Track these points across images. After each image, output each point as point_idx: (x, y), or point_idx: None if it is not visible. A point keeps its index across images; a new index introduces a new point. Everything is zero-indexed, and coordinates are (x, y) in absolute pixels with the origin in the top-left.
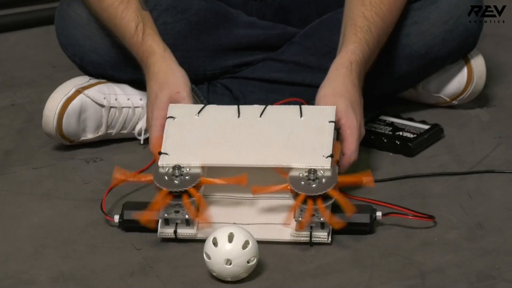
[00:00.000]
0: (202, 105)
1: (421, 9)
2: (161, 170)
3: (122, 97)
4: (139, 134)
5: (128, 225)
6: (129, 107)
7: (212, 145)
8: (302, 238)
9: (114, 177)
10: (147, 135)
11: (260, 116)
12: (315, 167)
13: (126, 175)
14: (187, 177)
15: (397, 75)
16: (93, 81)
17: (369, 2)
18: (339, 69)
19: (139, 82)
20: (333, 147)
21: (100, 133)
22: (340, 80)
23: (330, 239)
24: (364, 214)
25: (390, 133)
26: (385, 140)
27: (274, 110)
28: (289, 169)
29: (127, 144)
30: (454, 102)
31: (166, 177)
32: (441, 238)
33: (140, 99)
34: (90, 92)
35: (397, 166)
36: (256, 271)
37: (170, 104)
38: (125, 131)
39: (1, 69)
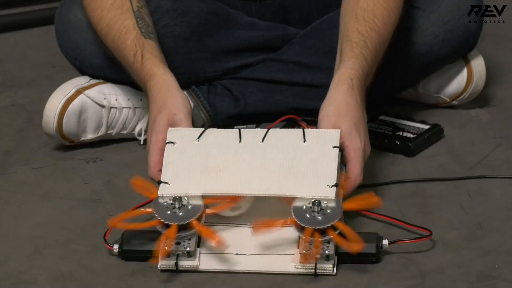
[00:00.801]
0: (202, 129)
1: (422, 9)
2: (160, 200)
3: (123, 97)
4: (139, 134)
5: (129, 255)
6: (129, 108)
7: (213, 172)
8: (306, 270)
9: (117, 224)
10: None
11: (262, 141)
12: (319, 198)
13: (124, 224)
14: (189, 207)
15: (397, 75)
16: (94, 81)
17: (363, 17)
18: (340, 86)
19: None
20: (337, 175)
21: (100, 133)
22: (342, 98)
23: (335, 271)
24: (370, 244)
25: (390, 133)
26: (385, 140)
27: (276, 134)
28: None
29: (127, 144)
30: (454, 102)
31: (168, 211)
32: (441, 238)
33: (141, 100)
34: (90, 92)
35: (397, 166)
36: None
37: (170, 128)
38: (125, 132)
39: (1, 69)
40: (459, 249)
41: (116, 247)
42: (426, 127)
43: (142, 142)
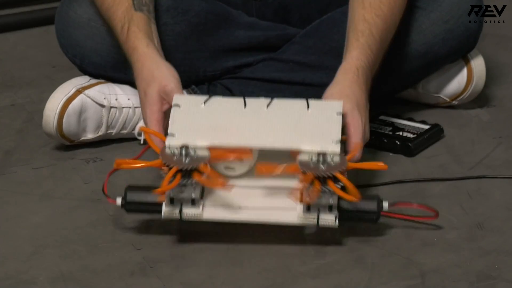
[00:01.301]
0: (208, 96)
1: (422, 8)
2: (167, 150)
3: (123, 97)
4: (139, 134)
5: (132, 207)
6: (130, 107)
7: (220, 129)
8: (309, 221)
9: (118, 164)
10: None
11: (267, 107)
12: (325, 151)
13: (131, 162)
14: (195, 157)
15: (397, 74)
16: (94, 81)
17: (369, 3)
18: (346, 74)
19: None
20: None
21: (100, 133)
22: (347, 84)
23: (337, 223)
24: (371, 201)
25: (390, 133)
26: (385, 140)
27: (281, 103)
28: (298, 152)
29: (127, 144)
30: (454, 102)
31: (174, 158)
32: (441, 238)
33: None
34: (90, 92)
35: (397, 166)
36: (256, 271)
37: (175, 94)
38: (125, 131)
39: (1, 69)
40: (459, 249)
41: (119, 200)
42: (426, 127)
43: (142, 142)
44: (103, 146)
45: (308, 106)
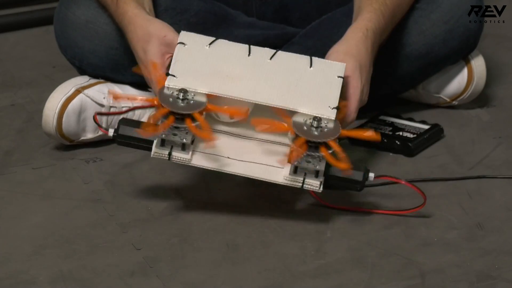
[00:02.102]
0: (214, 38)
1: (422, 9)
2: (166, 91)
3: None
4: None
5: (123, 140)
6: (129, 107)
7: (221, 76)
8: (294, 183)
9: (111, 94)
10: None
11: (271, 59)
12: (320, 115)
13: (126, 96)
14: (192, 102)
15: (398, 75)
16: (93, 81)
17: None
18: (355, 33)
19: (138, 84)
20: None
21: (100, 133)
22: (354, 42)
23: (321, 188)
24: (357, 172)
25: (390, 133)
26: (385, 140)
27: (285, 56)
28: (293, 113)
29: None
30: (454, 102)
31: (171, 99)
32: (441, 238)
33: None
34: (90, 91)
35: (397, 166)
36: (256, 271)
37: (182, 32)
38: None
39: (1, 69)
40: (459, 249)
41: (111, 131)
42: (426, 127)
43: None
44: (103, 146)
45: (311, 65)
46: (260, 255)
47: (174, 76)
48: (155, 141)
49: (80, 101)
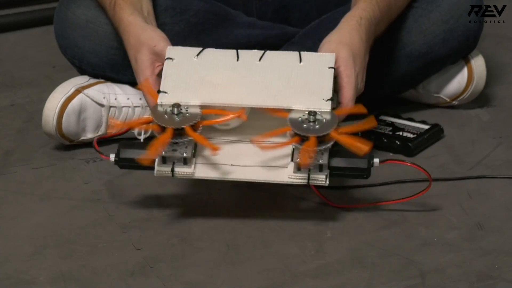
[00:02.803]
0: (201, 48)
1: (422, 8)
2: (159, 108)
3: (122, 96)
4: (139, 134)
5: (125, 164)
6: (129, 107)
7: (211, 85)
8: (300, 180)
9: (110, 124)
10: (147, 134)
11: (259, 60)
12: (315, 109)
13: (122, 123)
14: (187, 115)
15: (398, 75)
16: (93, 80)
17: None
18: (348, 21)
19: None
20: (332, 92)
21: (100, 133)
22: (347, 31)
23: (327, 182)
24: (362, 159)
25: (390, 133)
26: (385, 140)
27: (273, 55)
28: (288, 110)
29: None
30: (454, 102)
31: (165, 116)
32: (441, 238)
33: (140, 99)
34: (89, 91)
35: (397, 166)
36: (256, 271)
37: (169, 47)
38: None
39: (1, 69)
40: (459, 249)
41: (112, 156)
42: (426, 127)
43: (142, 141)
44: (103, 146)
45: (300, 60)
46: (260, 255)
47: (165, 92)
48: (156, 160)
49: (80, 101)
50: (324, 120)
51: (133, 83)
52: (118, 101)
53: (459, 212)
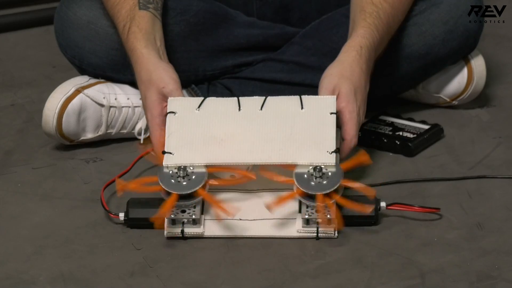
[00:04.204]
0: (202, 98)
1: (421, 10)
2: (165, 170)
3: (122, 96)
4: (139, 133)
5: (134, 223)
6: (129, 107)
7: (215, 142)
8: (309, 234)
9: (118, 188)
10: (147, 134)
11: (261, 108)
12: (320, 164)
13: (130, 185)
14: (193, 177)
15: (398, 76)
16: (93, 80)
17: None
18: (349, 52)
19: None
20: (336, 141)
21: (100, 133)
22: (348, 63)
23: (336, 234)
24: (369, 205)
25: (390, 133)
26: (385, 140)
27: (275, 102)
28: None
29: (127, 144)
30: (454, 102)
31: (172, 180)
32: (441, 238)
33: (140, 99)
34: (89, 91)
35: (397, 166)
36: (256, 271)
37: (170, 98)
38: (125, 131)
39: (1, 69)
40: (459, 249)
41: (122, 215)
42: (426, 127)
43: (142, 141)
44: (103, 146)
45: (302, 106)
46: (260, 255)
47: (170, 153)
48: (166, 221)
49: (80, 101)
50: (330, 174)
51: (133, 83)
52: (118, 101)
53: (459, 212)
